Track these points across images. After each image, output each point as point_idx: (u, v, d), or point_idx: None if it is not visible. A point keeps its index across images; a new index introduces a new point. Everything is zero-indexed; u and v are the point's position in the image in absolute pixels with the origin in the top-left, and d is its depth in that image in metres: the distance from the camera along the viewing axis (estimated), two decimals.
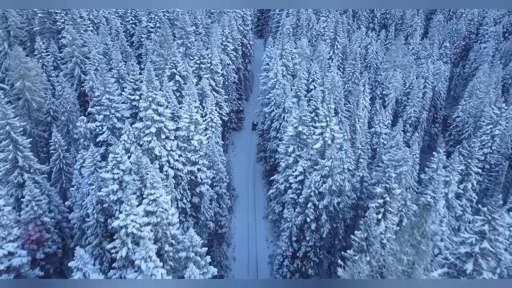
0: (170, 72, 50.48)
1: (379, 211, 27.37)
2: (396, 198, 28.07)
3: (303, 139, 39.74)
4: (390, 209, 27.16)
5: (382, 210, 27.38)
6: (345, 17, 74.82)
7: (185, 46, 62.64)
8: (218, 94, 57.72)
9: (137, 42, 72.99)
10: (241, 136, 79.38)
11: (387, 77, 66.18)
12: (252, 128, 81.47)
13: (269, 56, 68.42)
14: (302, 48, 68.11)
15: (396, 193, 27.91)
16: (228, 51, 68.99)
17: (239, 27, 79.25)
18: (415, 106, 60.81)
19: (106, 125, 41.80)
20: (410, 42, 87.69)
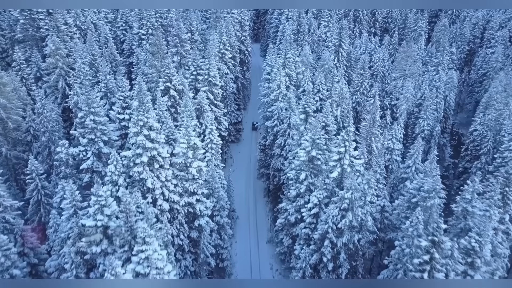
0: (164, 86, 44.82)
1: (424, 268, 22.17)
2: (446, 253, 22.88)
3: (317, 165, 34.40)
4: (438, 267, 22.00)
5: (427, 267, 22.19)
6: (346, 22, 69.69)
7: (179, 55, 56.96)
8: (216, 108, 52.16)
9: (128, 50, 67.05)
10: (240, 149, 73.86)
11: (396, 87, 61.11)
12: (252, 128, 78.65)
13: (270, 64, 63.00)
14: (306, 56, 62.76)
15: (446, 247, 22.70)
16: (226, 59, 63.47)
17: (236, 32, 73.76)
18: (428, 119, 55.79)
19: (91, 150, 36.04)
20: (415, 48, 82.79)
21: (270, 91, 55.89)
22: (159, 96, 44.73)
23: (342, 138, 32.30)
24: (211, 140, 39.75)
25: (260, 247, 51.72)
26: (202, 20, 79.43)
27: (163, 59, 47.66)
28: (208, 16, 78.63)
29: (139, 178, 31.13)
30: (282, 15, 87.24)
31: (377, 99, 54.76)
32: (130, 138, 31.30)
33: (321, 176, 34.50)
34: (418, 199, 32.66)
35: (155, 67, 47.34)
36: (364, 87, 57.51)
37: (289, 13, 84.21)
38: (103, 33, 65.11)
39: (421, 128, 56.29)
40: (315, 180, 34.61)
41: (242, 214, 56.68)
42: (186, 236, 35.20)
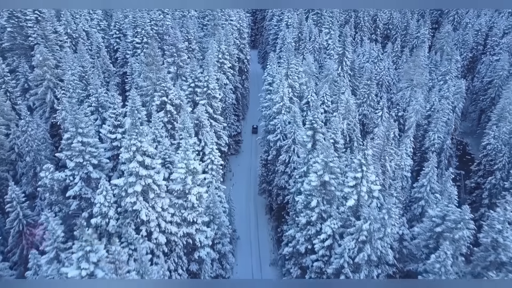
0: (160, 101, 40.99)
1: None
2: None
3: (330, 191, 30.74)
4: None
5: None
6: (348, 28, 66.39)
7: (176, 65, 53.18)
8: (216, 123, 48.40)
9: (122, 59, 63.20)
10: (240, 161, 70.08)
11: (403, 97, 57.75)
12: (252, 131, 77.60)
13: (271, 74, 59.45)
14: (308, 66, 59.27)
15: None
16: (225, 69, 59.78)
17: (235, 40, 70.16)
18: (439, 132, 52.42)
19: (79, 175, 32.09)
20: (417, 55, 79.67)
21: (273, 103, 52.27)
22: (154, 111, 41.08)
23: (358, 162, 28.66)
24: (211, 160, 35.99)
25: (263, 270, 47.91)
26: (199, 27, 75.89)
27: (159, 71, 43.88)
28: (205, 23, 74.95)
29: (132, 210, 27.30)
30: (281, 22, 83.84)
31: (385, 112, 51.42)
32: (121, 165, 27.47)
33: (334, 203, 30.83)
34: (443, 229, 29.09)
35: (150, 80, 43.55)
36: (371, 98, 54.09)
37: (289, 19, 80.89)
38: (95, 42, 61.24)
39: (431, 142, 52.91)
40: (328, 207, 30.92)
41: (243, 233, 52.79)
42: (185, 270, 31.39)
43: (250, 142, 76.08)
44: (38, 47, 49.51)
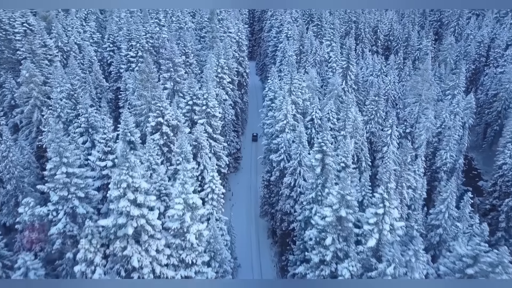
0: (155, 122, 37.17)
1: None
2: None
3: (347, 227, 26.98)
4: None
5: None
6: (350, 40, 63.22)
7: (173, 80, 49.56)
8: (216, 143, 44.63)
9: (115, 74, 59.44)
10: (239, 178, 66.16)
11: (412, 113, 54.38)
12: (252, 139, 76.81)
13: (273, 90, 55.96)
14: (312, 81, 55.87)
15: None
16: (224, 84, 56.21)
17: (234, 53, 66.72)
18: (451, 150, 49.00)
19: (63, 209, 28.11)
20: (420, 67, 76.75)
21: (275, 121, 48.65)
22: (149, 133, 37.28)
23: (380, 196, 24.96)
24: (212, 189, 32.15)
25: None
26: (196, 39, 72.56)
27: (154, 88, 40.14)
28: (203, 35, 71.66)
29: (122, 255, 23.34)
30: (281, 33, 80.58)
31: (395, 130, 47.94)
32: (110, 203, 23.59)
33: (351, 240, 27.05)
34: (475, 271, 25.36)
35: (145, 98, 39.77)
36: (379, 115, 50.66)
37: (289, 31, 77.68)
38: (87, 55, 57.47)
39: (443, 161, 49.46)
40: (345, 245, 27.13)
41: (243, 259, 48.66)
42: None
43: (249, 157, 72.39)
44: (25, 62, 45.66)
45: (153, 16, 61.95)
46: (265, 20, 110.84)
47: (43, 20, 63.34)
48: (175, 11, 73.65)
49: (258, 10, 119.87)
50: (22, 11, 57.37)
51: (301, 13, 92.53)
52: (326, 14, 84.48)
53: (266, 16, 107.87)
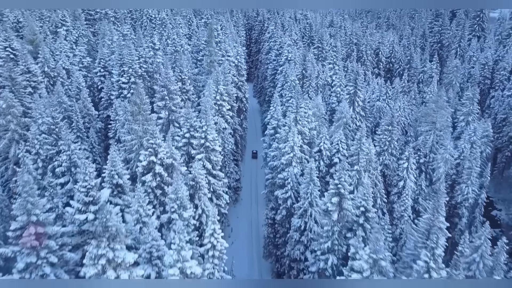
0: (147, 161, 31.96)
1: None
2: None
3: None
4: None
5: None
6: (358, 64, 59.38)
7: (168, 109, 44.64)
8: (215, 180, 39.37)
9: (106, 101, 54.49)
10: (239, 211, 60.67)
11: (425, 142, 49.74)
12: (252, 156, 75.03)
13: (276, 118, 51.27)
14: (318, 108, 51.29)
15: None
16: (224, 112, 51.39)
17: (233, 77, 62.25)
18: (472, 185, 44.22)
19: (32, 278, 22.48)
20: (426, 91, 72.98)
21: (281, 153, 43.64)
22: (140, 173, 31.99)
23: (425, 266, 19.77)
24: (213, 245, 26.76)
25: None
26: (193, 62, 68.28)
27: (146, 121, 35.09)
28: (199, 58, 67.38)
29: None
30: (281, 56, 76.54)
31: (412, 163, 43.10)
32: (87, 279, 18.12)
33: None
34: None
35: (135, 133, 34.65)
36: (393, 146, 45.93)
37: (289, 54, 73.61)
38: (75, 81, 52.54)
39: (464, 196, 44.56)
40: None
41: None
42: None
43: (249, 183, 67.28)
44: (3, 91, 40.51)
45: (147, 40, 57.47)
46: (262, 42, 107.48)
47: (29, 44, 58.58)
48: (171, 34, 69.45)
49: (256, 32, 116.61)
50: (6, 35, 52.67)
51: (300, 35, 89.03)
52: (326, 36, 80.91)
53: (264, 38, 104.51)
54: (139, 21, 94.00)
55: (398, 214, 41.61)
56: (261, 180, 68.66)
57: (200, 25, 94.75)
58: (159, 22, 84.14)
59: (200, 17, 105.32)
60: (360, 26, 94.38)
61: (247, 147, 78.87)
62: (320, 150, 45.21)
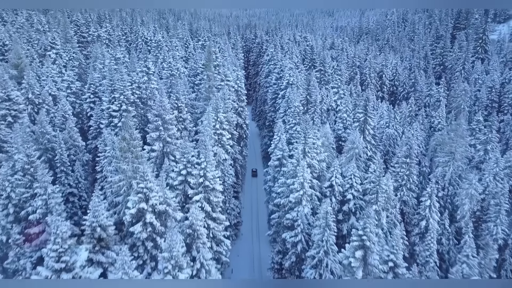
0: (137, 208, 26.76)
1: None
2: None
3: None
4: None
5: None
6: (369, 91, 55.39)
7: (162, 141, 39.71)
8: (216, 224, 34.10)
9: (95, 129, 49.51)
10: (239, 248, 54.82)
11: (445, 175, 45.04)
12: (252, 175, 72.69)
13: (280, 148, 46.49)
14: (326, 137, 46.68)
15: None
16: (224, 141, 46.54)
17: (233, 103, 57.75)
18: (502, 224, 39.32)
19: None
20: (433, 115, 69.01)
21: (289, 190, 38.62)
22: (128, 223, 26.74)
23: None
24: None
25: None
26: (190, 86, 63.96)
27: (136, 159, 30.06)
28: (197, 82, 63.08)
29: None
30: (281, 80, 72.52)
31: (434, 200, 38.22)
32: None
33: None
34: None
35: (124, 173, 29.54)
36: (412, 181, 41.15)
37: (291, 78, 69.62)
38: (61, 109, 47.67)
39: (492, 236, 39.55)
40: None
41: None
42: None
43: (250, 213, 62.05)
44: None
45: (141, 64, 53.05)
46: (261, 64, 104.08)
47: (14, 68, 53.94)
48: (166, 57, 65.27)
49: (254, 54, 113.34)
50: None
51: (301, 58, 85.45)
52: (328, 58, 77.31)
53: (263, 60, 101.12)
54: (134, 43, 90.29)
55: (423, 259, 36.50)
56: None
57: (197, 47, 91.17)
58: (154, 44, 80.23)
59: (197, 39, 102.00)
60: (362, 48, 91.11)
61: (246, 173, 74.07)
62: (332, 186, 40.28)
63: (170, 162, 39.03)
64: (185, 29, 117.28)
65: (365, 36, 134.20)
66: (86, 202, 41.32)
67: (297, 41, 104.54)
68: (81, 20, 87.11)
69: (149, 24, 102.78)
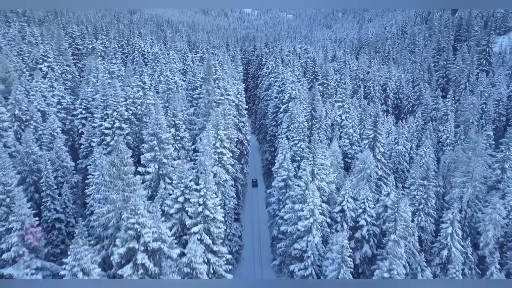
0: (127, 247, 22.89)
1: None
2: None
3: None
4: None
5: None
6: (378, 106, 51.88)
7: (158, 162, 36.04)
8: (217, 258, 30.17)
9: (86, 148, 45.78)
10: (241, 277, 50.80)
11: (462, 197, 41.41)
12: (252, 185, 70.49)
13: (285, 168, 42.84)
14: (335, 156, 43.14)
15: None
16: (225, 161, 42.86)
17: (233, 118, 54.23)
18: None
19: None
20: (441, 129, 65.80)
21: (297, 217, 34.86)
22: (116, 264, 22.85)
23: None
24: None
25: None
26: (188, 100, 60.56)
27: (128, 187, 26.26)
28: (195, 96, 59.66)
29: None
30: (283, 93, 69.17)
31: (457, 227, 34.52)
32: None
33: None
34: None
35: (113, 203, 25.70)
36: (430, 205, 37.50)
37: (293, 91, 66.22)
38: (49, 127, 43.95)
39: None
40: None
41: None
42: None
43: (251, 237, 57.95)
44: None
45: (137, 78, 49.57)
46: (260, 77, 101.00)
47: (1, 83, 50.36)
48: (164, 70, 61.90)
49: (253, 66, 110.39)
50: None
51: (302, 71, 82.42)
52: (331, 71, 74.26)
53: (262, 73, 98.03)
54: (131, 56, 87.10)
55: None
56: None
57: (196, 60, 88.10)
58: (151, 57, 76.99)
59: (195, 51, 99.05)
60: (365, 60, 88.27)
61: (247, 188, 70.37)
62: (343, 210, 36.61)
63: (166, 185, 35.30)
64: (183, 41, 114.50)
65: (365, 48, 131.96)
66: (74, 228, 37.42)
67: (298, 53, 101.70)
68: (76, 32, 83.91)
69: (146, 36, 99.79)
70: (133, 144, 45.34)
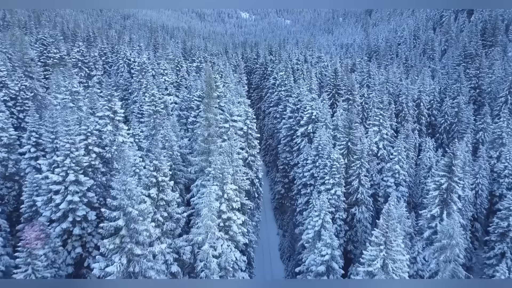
0: None
1: None
2: None
3: None
4: None
5: None
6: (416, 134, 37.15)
7: (126, 253, 20.41)
8: None
9: (28, 209, 29.90)
10: None
11: None
12: None
13: (329, 244, 27.29)
14: (403, 222, 27.73)
15: None
16: (234, 231, 27.24)
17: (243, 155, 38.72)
18: None
19: None
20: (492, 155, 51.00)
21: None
22: None
23: None
24: None
25: None
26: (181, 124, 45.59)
27: None
28: (191, 120, 44.41)
29: None
30: (300, 113, 53.78)
31: None
32: None
33: None
34: None
35: None
36: None
37: (314, 111, 50.81)
38: None
39: None
40: None
41: None
42: None
43: None
44: None
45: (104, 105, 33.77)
46: (265, 88, 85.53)
47: None
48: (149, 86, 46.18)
49: (257, 76, 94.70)
50: None
51: (318, 83, 67.05)
52: (356, 84, 59.00)
53: (268, 84, 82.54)
54: (115, 66, 71.44)
55: None
56: None
57: (192, 70, 72.57)
58: (138, 67, 61.33)
59: (191, 60, 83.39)
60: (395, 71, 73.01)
61: None
62: None
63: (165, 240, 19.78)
64: (177, 47, 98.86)
65: (376, 54, 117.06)
66: None
67: (308, 61, 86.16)
68: (48, 39, 68.01)
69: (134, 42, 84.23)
70: (99, 202, 29.72)
